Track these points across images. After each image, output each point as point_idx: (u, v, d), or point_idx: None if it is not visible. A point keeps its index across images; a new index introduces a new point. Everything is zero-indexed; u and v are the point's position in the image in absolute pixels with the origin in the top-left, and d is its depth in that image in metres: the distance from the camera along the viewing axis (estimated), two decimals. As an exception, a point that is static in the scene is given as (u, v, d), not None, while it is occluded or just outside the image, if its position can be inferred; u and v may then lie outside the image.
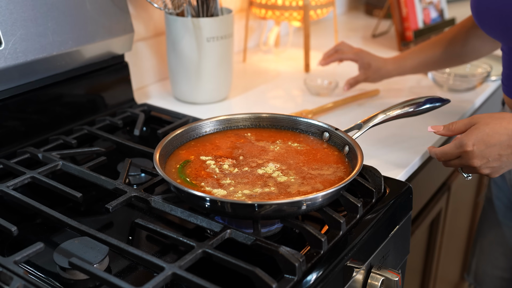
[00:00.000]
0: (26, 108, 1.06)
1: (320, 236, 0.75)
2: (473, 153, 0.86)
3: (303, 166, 0.88)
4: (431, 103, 1.02)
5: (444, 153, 0.90)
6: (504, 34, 0.94)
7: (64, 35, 1.07)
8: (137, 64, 1.39)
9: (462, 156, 0.88)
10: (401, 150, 1.11)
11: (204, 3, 1.25)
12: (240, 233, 0.75)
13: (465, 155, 0.87)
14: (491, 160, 0.86)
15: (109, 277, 0.67)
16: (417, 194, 1.14)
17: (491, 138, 0.85)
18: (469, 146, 0.86)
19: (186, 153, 0.92)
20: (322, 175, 0.86)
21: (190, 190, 0.77)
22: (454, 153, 0.88)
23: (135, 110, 1.20)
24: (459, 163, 0.90)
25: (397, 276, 0.84)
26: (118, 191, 0.87)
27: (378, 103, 1.34)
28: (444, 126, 0.91)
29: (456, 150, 0.88)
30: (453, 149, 0.88)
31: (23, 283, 0.68)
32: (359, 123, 0.96)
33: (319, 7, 1.56)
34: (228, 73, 1.33)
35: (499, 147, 0.85)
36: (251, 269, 0.68)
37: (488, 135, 0.85)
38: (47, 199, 0.91)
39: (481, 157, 0.86)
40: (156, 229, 0.78)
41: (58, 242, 0.78)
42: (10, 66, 0.99)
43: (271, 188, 0.82)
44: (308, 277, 0.72)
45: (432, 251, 1.46)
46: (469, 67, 1.52)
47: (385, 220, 0.86)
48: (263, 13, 1.58)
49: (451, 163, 0.91)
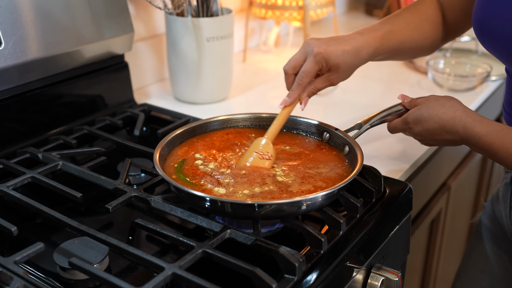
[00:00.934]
0: (26, 108, 1.06)
1: (320, 236, 0.75)
2: (413, 130, 0.92)
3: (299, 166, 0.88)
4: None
5: (394, 127, 0.95)
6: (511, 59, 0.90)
7: (64, 35, 1.07)
8: (137, 64, 1.39)
9: (406, 130, 0.94)
10: (401, 150, 1.11)
11: (204, 3, 1.25)
12: (240, 233, 0.75)
13: (408, 130, 0.93)
14: (428, 140, 0.92)
15: (109, 277, 0.67)
16: (417, 194, 1.14)
17: (426, 123, 0.89)
18: (410, 124, 0.92)
19: (185, 152, 0.91)
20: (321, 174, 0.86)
21: (190, 190, 0.77)
22: (401, 128, 0.94)
23: (135, 110, 1.20)
24: (407, 135, 0.95)
25: (397, 276, 0.84)
26: (118, 191, 0.87)
27: (378, 103, 1.34)
28: (412, 99, 0.95)
29: (402, 125, 0.93)
30: (400, 124, 0.94)
31: (23, 283, 0.68)
32: (359, 123, 0.96)
33: (319, 7, 1.56)
34: (228, 73, 1.33)
35: (433, 132, 0.89)
36: (251, 269, 0.68)
37: (424, 119, 0.89)
38: (47, 199, 0.91)
39: (419, 135, 0.92)
40: (156, 229, 0.78)
41: (58, 242, 0.78)
42: (10, 66, 0.99)
43: (270, 187, 0.82)
44: (308, 277, 0.72)
45: (432, 251, 1.46)
46: (469, 67, 1.52)
47: (385, 220, 0.86)
48: (263, 13, 1.58)
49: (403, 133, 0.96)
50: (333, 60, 0.92)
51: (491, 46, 0.91)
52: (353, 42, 0.94)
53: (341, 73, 0.94)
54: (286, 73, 0.95)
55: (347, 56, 0.93)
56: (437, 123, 0.88)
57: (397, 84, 1.49)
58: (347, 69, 0.95)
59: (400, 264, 0.97)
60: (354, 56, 0.94)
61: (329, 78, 0.95)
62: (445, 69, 1.53)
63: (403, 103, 0.96)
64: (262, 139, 0.90)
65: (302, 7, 1.53)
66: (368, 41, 0.96)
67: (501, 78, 1.51)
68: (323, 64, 0.92)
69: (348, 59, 0.93)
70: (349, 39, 0.95)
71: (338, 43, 0.93)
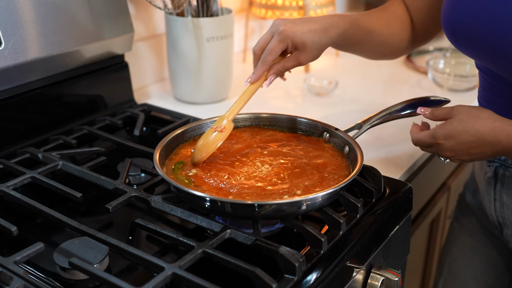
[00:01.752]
0: (26, 108, 1.06)
1: (320, 236, 0.75)
2: (443, 146, 0.87)
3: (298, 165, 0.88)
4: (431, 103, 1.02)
5: (419, 140, 0.90)
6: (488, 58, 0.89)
7: (64, 35, 1.07)
8: (137, 64, 1.39)
9: (434, 146, 0.89)
10: (401, 150, 1.11)
11: (204, 3, 1.25)
12: (240, 233, 0.75)
13: (437, 146, 0.88)
14: (460, 155, 0.87)
15: (109, 277, 0.67)
16: (417, 194, 1.14)
17: (461, 137, 0.85)
18: (440, 139, 0.86)
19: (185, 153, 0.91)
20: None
21: (190, 190, 0.77)
22: (427, 142, 0.89)
23: (135, 110, 1.20)
24: (432, 151, 0.91)
25: (397, 276, 0.84)
26: (118, 191, 0.87)
27: (378, 103, 1.34)
28: (431, 110, 0.91)
29: (429, 140, 0.89)
30: (427, 139, 0.89)
31: (23, 283, 0.68)
32: (359, 123, 0.96)
33: (319, 7, 1.56)
34: (228, 73, 1.33)
35: (468, 146, 0.85)
36: (251, 269, 0.68)
37: (459, 133, 0.85)
38: (47, 199, 0.91)
39: (451, 151, 0.87)
40: (156, 229, 0.78)
41: (58, 242, 0.78)
42: (10, 66, 0.99)
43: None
44: (308, 277, 0.72)
45: (432, 251, 1.46)
46: (469, 67, 1.52)
47: (385, 220, 0.86)
48: (263, 13, 1.58)
49: (425, 150, 0.93)
50: (298, 37, 0.91)
51: (466, 45, 0.90)
52: (322, 21, 0.93)
53: (308, 52, 0.93)
54: (254, 53, 0.94)
55: (314, 34, 0.92)
56: (474, 136, 0.83)
57: (397, 84, 1.49)
58: (315, 48, 0.93)
59: (400, 264, 0.97)
60: (322, 34, 0.92)
61: (297, 57, 0.93)
62: (445, 69, 1.53)
63: (424, 115, 0.92)
64: (223, 117, 0.90)
65: (302, 7, 1.53)
66: (338, 21, 0.95)
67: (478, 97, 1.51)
68: (289, 43, 0.91)
69: (315, 37, 0.92)
70: (318, 19, 0.94)
71: (305, 21, 0.93)
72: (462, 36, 0.89)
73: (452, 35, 0.91)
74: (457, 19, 0.88)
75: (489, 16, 0.83)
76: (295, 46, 0.92)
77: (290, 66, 0.94)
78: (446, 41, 1.73)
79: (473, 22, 0.86)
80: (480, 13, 0.84)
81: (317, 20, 0.94)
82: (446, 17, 0.91)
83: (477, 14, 0.85)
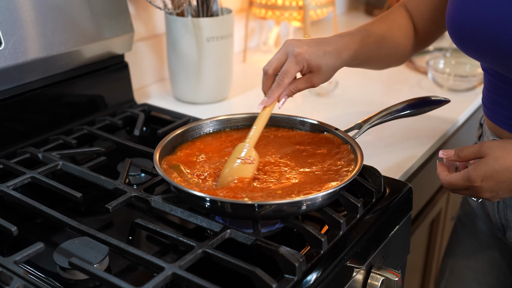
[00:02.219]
0: (26, 108, 1.06)
1: (320, 236, 0.75)
2: (482, 188, 0.81)
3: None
4: (431, 103, 1.02)
5: (451, 184, 0.84)
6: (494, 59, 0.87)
7: (64, 35, 1.07)
8: (137, 64, 1.39)
9: (470, 189, 0.83)
10: (401, 150, 1.11)
11: (204, 3, 1.25)
12: (240, 233, 0.75)
13: (474, 189, 0.82)
14: (501, 193, 0.82)
15: (109, 277, 0.67)
16: (417, 194, 1.14)
17: (501, 175, 0.80)
18: (477, 182, 0.81)
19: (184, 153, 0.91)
20: None
21: (190, 190, 0.77)
22: (462, 186, 0.83)
23: (135, 110, 1.20)
24: (467, 193, 0.86)
25: (397, 276, 0.84)
26: (118, 191, 0.87)
27: (378, 103, 1.34)
28: (455, 152, 0.86)
29: (463, 183, 0.83)
30: (461, 182, 0.83)
31: (23, 283, 0.68)
32: (359, 123, 0.96)
33: (319, 7, 1.56)
34: (228, 73, 1.33)
35: (509, 183, 0.80)
36: (251, 269, 0.68)
37: (497, 172, 0.80)
38: (47, 199, 0.91)
39: (491, 191, 0.82)
40: (156, 229, 0.78)
41: (58, 242, 0.78)
42: (10, 66, 0.99)
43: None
44: (308, 277, 0.72)
45: (432, 251, 1.46)
46: (469, 67, 1.52)
47: (385, 220, 0.86)
48: (263, 13, 1.58)
49: (459, 192, 0.87)
50: (314, 61, 0.90)
51: (471, 48, 0.88)
52: (334, 43, 0.93)
53: (322, 74, 0.92)
54: (266, 73, 0.92)
55: (329, 57, 0.91)
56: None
57: (397, 84, 1.49)
58: (328, 70, 0.93)
59: (400, 264, 0.97)
60: (336, 57, 0.92)
61: (310, 79, 0.93)
62: (445, 69, 1.52)
63: (448, 159, 0.86)
64: (244, 144, 0.88)
65: (302, 7, 1.53)
66: (348, 43, 0.95)
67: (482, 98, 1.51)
68: (304, 65, 0.90)
69: (329, 60, 0.92)
70: (330, 41, 0.93)
71: (319, 44, 0.92)
72: (468, 38, 0.88)
73: (457, 37, 0.90)
74: (462, 21, 0.87)
75: (494, 18, 0.82)
76: (310, 69, 0.91)
77: (303, 88, 0.93)
78: (446, 41, 1.73)
79: (478, 24, 0.85)
80: (486, 15, 0.83)
81: (330, 42, 0.93)
82: (451, 20, 0.90)
83: (482, 16, 0.84)
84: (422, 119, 1.14)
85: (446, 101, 1.04)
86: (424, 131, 1.18)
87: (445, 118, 1.25)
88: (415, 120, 1.17)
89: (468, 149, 0.84)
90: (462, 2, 0.87)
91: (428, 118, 1.21)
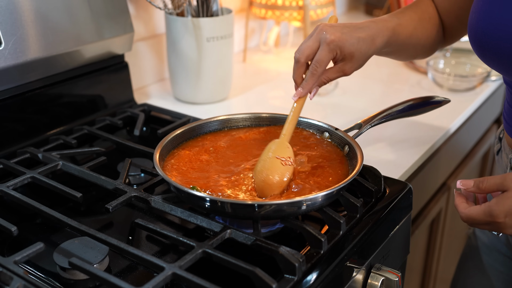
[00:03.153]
0: (26, 108, 1.06)
1: (320, 236, 0.75)
2: (505, 224, 0.75)
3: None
4: (431, 103, 1.02)
5: (472, 218, 0.78)
6: None
7: (64, 35, 1.07)
8: (137, 64, 1.39)
9: (491, 224, 0.77)
10: (401, 150, 1.11)
11: (204, 3, 1.25)
12: (240, 233, 0.75)
13: (496, 224, 0.76)
14: None
15: (109, 277, 0.67)
16: (417, 194, 1.14)
17: None
18: (501, 218, 0.75)
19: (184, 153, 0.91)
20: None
21: (190, 190, 0.77)
22: (483, 221, 0.77)
23: (135, 110, 1.20)
24: (488, 228, 0.79)
25: (397, 276, 0.84)
26: (118, 191, 0.87)
27: (378, 103, 1.34)
28: (474, 183, 0.79)
29: (485, 218, 0.76)
30: (482, 217, 0.77)
31: (23, 283, 0.68)
32: (359, 123, 0.96)
33: (319, 7, 1.57)
34: (228, 73, 1.33)
35: None
36: (251, 269, 0.68)
37: None
38: (47, 199, 0.91)
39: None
40: (156, 229, 0.78)
41: (58, 242, 0.78)
42: (10, 66, 0.99)
43: None
44: (308, 277, 0.72)
45: (432, 251, 1.46)
46: (469, 67, 1.52)
47: (385, 220, 0.86)
48: (263, 13, 1.58)
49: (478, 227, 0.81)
50: (347, 48, 0.85)
51: (494, 60, 0.85)
52: (368, 29, 0.88)
53: (354, 63, 0.88)
54: (298, 61, 0.86)
55: (362, 44, 0.87)
56: None
57: (397, 84, 1.49)
58: (362, 58, 0.88)
59: (400, 264, 0.97)
60: (370, 44, 0.88)
61: (342, 68, 0.88)
62: (445, 69, 1.53)
63: (467, 190, 0.80)
64: (284, 143, 0.84)
65: (302, 7, 1.53)
66: (382, 30, 0.90)
67: (501, 78, 1.51)
68: (338, 53, 0.86)
69: (363, 47, 0.87)
70: (364, 27, 0.88)
71: (352, 30, 0.86)
72: (491, 50, 0.84)
73: (479, 47, 0.86)
74: (485, 32, 0.84)
75: None
76: (342, 57, 0.87)
77: (334, 77, 0.89)
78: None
79: (502, 36, 0.81)
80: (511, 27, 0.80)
81: (363, 28, 0.89)
82: (474, 29, 0.87)
83: (507, 28, 0.80)
84: (422, 119, 1.14)
85: (446, 101, 1.04)
86: (424, 131, 1.18)
87: (445, 118, 1.25)
88: (415, 120, 1.17)
89: (490, 180, 0.78)
90: (485, 12, 0.84)
91: (428, 118, 1.21)
